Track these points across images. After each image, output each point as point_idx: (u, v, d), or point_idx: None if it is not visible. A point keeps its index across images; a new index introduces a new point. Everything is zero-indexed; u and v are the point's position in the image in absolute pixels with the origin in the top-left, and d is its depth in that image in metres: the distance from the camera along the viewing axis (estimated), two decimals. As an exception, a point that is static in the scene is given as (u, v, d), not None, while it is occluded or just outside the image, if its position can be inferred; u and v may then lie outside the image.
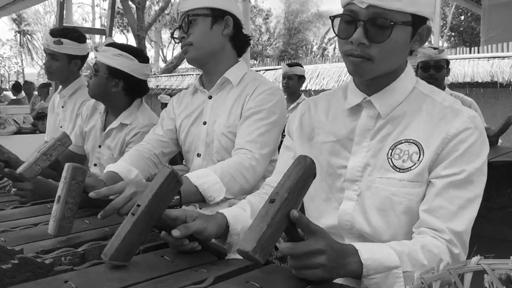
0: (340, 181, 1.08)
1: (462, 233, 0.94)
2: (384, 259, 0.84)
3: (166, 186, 0.90)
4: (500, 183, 3.31)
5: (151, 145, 1.66)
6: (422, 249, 0.89)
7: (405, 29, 0.95)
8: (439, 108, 1.00)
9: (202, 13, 1.52)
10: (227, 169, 1.37)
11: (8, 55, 31.78)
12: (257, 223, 0.73)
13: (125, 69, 1.87)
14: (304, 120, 1.19)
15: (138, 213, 0.87)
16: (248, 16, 5.48)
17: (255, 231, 0.72)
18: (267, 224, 0.72)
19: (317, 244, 0.78)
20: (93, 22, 25.12)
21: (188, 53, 1.57)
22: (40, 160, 1.31)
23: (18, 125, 5.09)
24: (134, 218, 0.87)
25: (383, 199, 1.00)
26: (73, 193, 1.11)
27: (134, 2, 14.16)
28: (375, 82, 1.03)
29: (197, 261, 0.97)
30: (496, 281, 0.56)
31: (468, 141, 0.95)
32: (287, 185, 0.77)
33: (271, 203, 0.76)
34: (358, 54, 0.95)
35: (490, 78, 5.47)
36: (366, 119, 1.05)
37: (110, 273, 0.88)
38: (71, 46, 2.29)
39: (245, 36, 1.64)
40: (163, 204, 0.92)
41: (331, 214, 1.09)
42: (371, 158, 1.03)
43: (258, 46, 25.86)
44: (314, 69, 7.22)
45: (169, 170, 0.91)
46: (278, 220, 0.74)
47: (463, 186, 0.94)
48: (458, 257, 0.93)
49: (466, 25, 21.23)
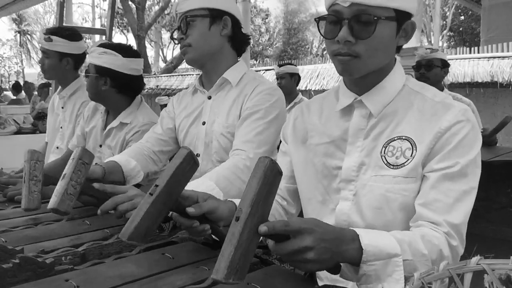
0: (336, 182, 1.08)
1: (459, 225, 0.94)
2: (385, 245, 0.83)
3: (184, 167, 0.90)
4: (500, 183, 3.30)
5: (150, 143, 1.67)
6: (422, 239, 0.89)
7: (390, 24, 0.97)
8: (430, 104, 1.01)
9: (200, 14, 1.52)
10: (223, 174, 1.37)
11: (8, 55, 31.79)
12: (225, 247, 0.70)
13: (110, 66, 1.87)
14: (297, 124, 1.20)
15: (157, 192, 0.86)
16: (248, 16, 5.48)
17: (224, 257, 0.69)
18: (234, 247, 0.69)
19: (303, 242, 0.76)
20: (93, 22, 25.12)
21: (187, 54, 1.57)
22: (32, 186, 1.26)
23: (18, 125, 5.09)
24: (152, 198, 0.86)
25: (378, 197, 1.01)
26: (78, 172, 1.15)
27: (134, 2, 14.18)
28: (365, 81, 1.04)
29: (198, 258, 0.97)
30: (496, 281, 0.57)
31: (461, 134, 0.96)
32: (248, 198, 0.73)
33: (236, 221, 0.72)
34: (345, 52, 0.97)
35: (490, 78, 5.47)
36: (358, 119, 1.06)
37: (111, 271, 0.88)
38: (61, 43, 2.29)
39: (244, 36, 1.64)
40: (180, 185, 0.92)
41: (328, 216, 1.09)
42: (365, 157, 1.04)
43: (258, 46, 25.86)
44: (314, 69, 7.23)
45: (187, 151, 0.91)
46: (247, 238, 0.71)
47: (457, 178, 0.95)
48: (457, 249, 0.94)
49: (466, 25, 21.24)
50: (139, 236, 0.85)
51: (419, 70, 3.18)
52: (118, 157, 1.56)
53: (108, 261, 0.97)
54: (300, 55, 23.70)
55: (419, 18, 7.94)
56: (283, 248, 0.77)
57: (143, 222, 0.85)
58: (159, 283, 0.84)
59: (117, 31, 24.34)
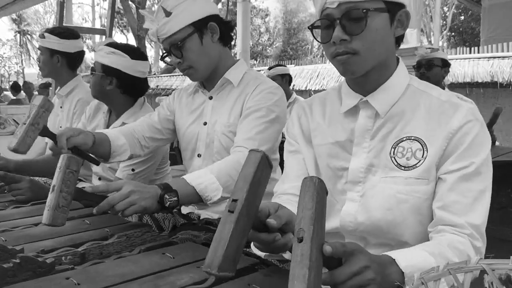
0: (341, 183, 1.07)
1: (480, 226, 0.93)
2: (421, 263, 0.81)
3: (260, 172, 0.77)
4: (500, 183, 3.30)
5: (142, 127, 1.66)
6: (449, 247, 0.88)
7: (381, 16, 0.97)
8: (437, 103, 1.01)
9: (187, 34, 1.46)
10: (224, 168, 1.37)
11: (8, 55, 31.77)
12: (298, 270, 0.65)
13: (117, 66, 1.86)
14: (302, 122, 1.18)
15: (238, 209, 0.73)
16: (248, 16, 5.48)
17: (299, 280, 0.63)
18: (308, 268, 0.64)
19: (359, 262, 0.72)
20: (93, 22, 25.14)
21: (191, 76, 1.56)
22: (30, 131, 1.32)
23: (18, 125, 5.09)
24: (235, 216, 0.72)
25: (388, 198, 1.00)
26: (68, 182, 1.12)
27: (134, 2, 14.18)
28: (369, 81, 1.03)
29: (198, 257, 0.97)
30: (496, 281, 0.56)
31: (472, 133, 0.95)
32: (307, 217, 0.68)
33: (299, 242, 0.67)
34: (343, 51, 0.97)
35: (490, 78, 5.47)
36: (364, 120, 1.05)
37: (111, 270, 0.88)
38: (52, 40, 2.31)
39: (229, 27, 1.58)
40: (259, 196, 0.79)
41: (333, 217, 1.08)
42: (374, 158, 1.02)
43: (258, 46, 25.85)
44: (314, 69, 7.22)
45: (261, 154, 0.78)
46: (316, 258, 0.66)
47: (473, 178, 0.94)
48: (481, 250, 0.93)
49: (466, 25, 21.23)
50: (229, 265, 0.72)
51: (419, 70, 3.20)
52: (109, 131, 1.56)
53: (108, 261, 0.97)
54: (300, 55, 23.70)
55: (419, 18, 7.94)
56: (341, 273, 0.72)
57: (231, 247, 0.71)
58: (159, 283, 0.84)
59: (117, 31, 24.34)
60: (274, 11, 27.45)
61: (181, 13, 1.45)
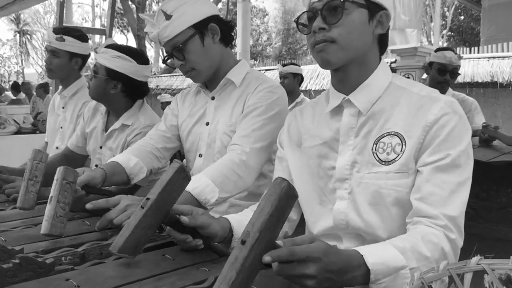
0: (331, 182, 1.09)
1: (456, 218, 0.94)
2: (390, 260, 0.82)
3: (175, 180, 0.91)
4: (500, 183, 3.30)
5: (153, 140, 1.67)
6: (423, 240, 0.89)
7: (360, 10, 1.01)
8: (416, 98, 1.02)
9: (188, 36, 1.46)
10: (218, 169, 1.37)
11: (8, 55, 31.79)
12: (227, 271, 0.66)
13: (124, 71, 1.85)
14: (291, 129, 1.22)
15: (147, 206, 0.88)
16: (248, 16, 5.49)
17: (226, 281, 0.65)
18: (236, 272, 0.65)
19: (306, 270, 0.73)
20: (93, 22, 25.16)
21: (195, 78, 1.56)
22: (30, 186, 1.31)
23: (18, 125, 5.09)
24: (143, 211, 0.87)
25: (373, 194, 1.02)
26: (65, 193, 1.16)
27: (134, 2, 14.19)
28: (349, 79, 1.07)
29: (198, 259, 0.97)
30: (496, 281, 0.57)
31: (449, 126, 0.96)
32: (259, 222, 0.68)
33: (242, 244, 0.67)
34: (320, 40, 1.01)
35: (490, 78, 5.47)
36: (348, 118, 1.08)
37: (111, 271, 0.88)
38: (73, 43, 2.29)
39: (230, 27, 1.58)
40: (171, 199, 0.93)
41: (327, 216, 1.10)
42: (358, 155, 1.05)
43: (258, 47, 25.85)
44: (314, 69, 7.22)
45: (178, 165, 0.92)
46: (251, 264, 0.67)
47: (450, 170, 0.95)
48: (456, 241, 0.94)
49: (466, 25, 21.24)
50: (130, 249, 0.88)
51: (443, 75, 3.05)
52: (119, 157, 1.56)
53: (108, 261, 0.97)
54: (300, 55, 23.69)
55: (419, 18, 7.94)
56: (286, 270, 0.73)
57: (134, 235, 0.87)
58: (159, 284, 0.84)
59: (117, 31, 24.36)
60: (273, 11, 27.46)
61: (182, 15, 1.45)
